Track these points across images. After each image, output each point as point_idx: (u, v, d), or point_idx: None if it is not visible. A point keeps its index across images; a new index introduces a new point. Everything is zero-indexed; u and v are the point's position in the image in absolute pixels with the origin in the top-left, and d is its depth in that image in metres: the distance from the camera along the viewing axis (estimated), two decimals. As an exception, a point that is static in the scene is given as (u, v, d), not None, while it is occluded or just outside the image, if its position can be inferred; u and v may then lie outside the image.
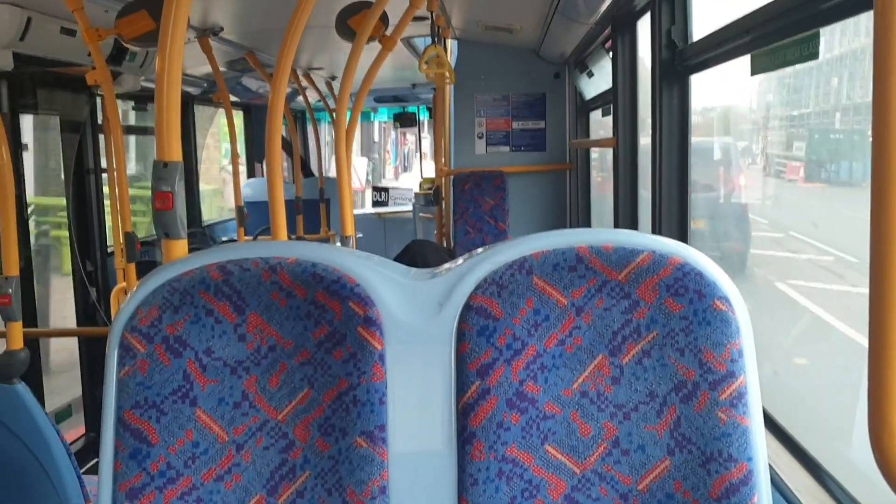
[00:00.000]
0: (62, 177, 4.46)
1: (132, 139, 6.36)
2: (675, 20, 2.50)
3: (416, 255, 3.56)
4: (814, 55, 1.54)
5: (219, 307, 1.13)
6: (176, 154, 1.31)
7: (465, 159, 5.45)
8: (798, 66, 1.64)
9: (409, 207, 7.76)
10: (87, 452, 4.14)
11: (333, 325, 1.13)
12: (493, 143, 5.46)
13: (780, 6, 1.67)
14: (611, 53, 3.59)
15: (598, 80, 4.37)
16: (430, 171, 8.05)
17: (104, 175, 4.58)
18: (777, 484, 1.69)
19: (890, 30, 0.75)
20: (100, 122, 4.55)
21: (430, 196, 6.12)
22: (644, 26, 3.09)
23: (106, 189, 4.58)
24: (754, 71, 1.85)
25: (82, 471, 2.27)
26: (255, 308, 1.13)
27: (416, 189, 7.90)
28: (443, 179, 5.47)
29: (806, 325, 3.45)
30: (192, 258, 1.16)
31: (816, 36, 1.53)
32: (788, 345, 3.36)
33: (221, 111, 6.99)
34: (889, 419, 0.75)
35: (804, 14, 1.57)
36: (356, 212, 6.83)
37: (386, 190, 9.24)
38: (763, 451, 1.09)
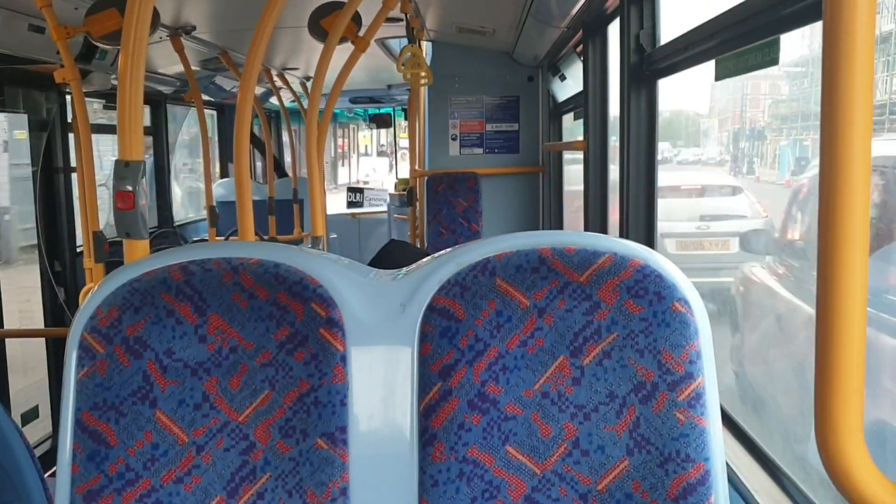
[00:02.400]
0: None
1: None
2: (643, 25, 2.53)
3: (392, 256, 3.57)
4: (774, 61, 1.57)
5: (180, 308, 1.12)
6: (137, 153, 1.30)
7: (439, 161, 5.45)
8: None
9: (384, 208, 7.75)
10: (53, 455, 4.08)
11: (295, 326, 1.13)
12: (466, 145, 5.47)
13: (741, 12, 1.70)
14: (582, 57, 3.62)
15: (571, 83, 4.40)
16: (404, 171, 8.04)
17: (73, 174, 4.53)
18: (735, 483, 1.71)
19: (838, 38, 0.77)
20: (69, 120, 4.49)
21: (404, 197, 6.12)
22: (614, 31, 3.12)
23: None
24: (719, 76, 1.87)
25: (48, 474, 2.25)
26: (216, 309, 1.13)
27: (392, 190, 7.89)
28: (417, 180, 5.47)
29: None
30: (154, 258, 1.16)
31: (777, 42, 1.56)
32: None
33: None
34: (834, 418, 0.77)
35: (765, 20, 1.59)
36: (330, 212, 6.81)
37: (361, 191, 9.22)
38: (720, 451, 1.11)
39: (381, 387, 1.14)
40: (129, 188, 1.26)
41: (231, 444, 1.13)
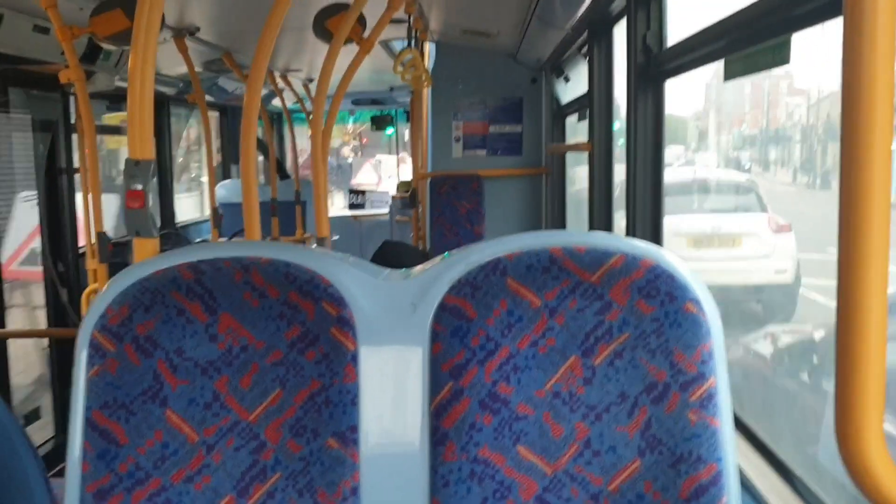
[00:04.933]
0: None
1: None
2: (650, 25, 2.53)
3: (390, 256, 3.57)
4: (785, 60, 1.56)
5: (190, 307, 1.12)
6: (148, 152, 1.30)
7: (442, 162, 5.45)
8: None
9: (386, 210, 7.75)
10: (55, 455, 4.08)
11: (306, 325, 1.13)
12: (469, 147, 5.47)
13: (752, 12, 1.69)
14: (587, 58, 3.61)
15: (575, 85, 4.40)
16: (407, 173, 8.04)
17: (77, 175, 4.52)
18: (746, 485, 1.71)
19: (858, 36, 0.77)
20: (73, 121, 4.49)
21: (406, 199, 6.12)
22: (620, 32, 3.11)
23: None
24: (727, 76, 1.87)
25: (51, 474, 2.24)
26: (226, 308, 1.12)
27: (393, 192, 7.89)
28: (419, 182, 5.47)
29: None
30: (164, 257, 1.15)
31: (788, 41, 1.55)
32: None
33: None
34: (854, 417, 0.77)
35: (776, 19, 1.59)
36: (332, 214, 6.81)
37: (363, 192, 9.22)
38: (733, 452, 1.10)
39: (391, 386, 1.14)
40: (140, 187, 1.26)
41: (241, 443, 1.12)
